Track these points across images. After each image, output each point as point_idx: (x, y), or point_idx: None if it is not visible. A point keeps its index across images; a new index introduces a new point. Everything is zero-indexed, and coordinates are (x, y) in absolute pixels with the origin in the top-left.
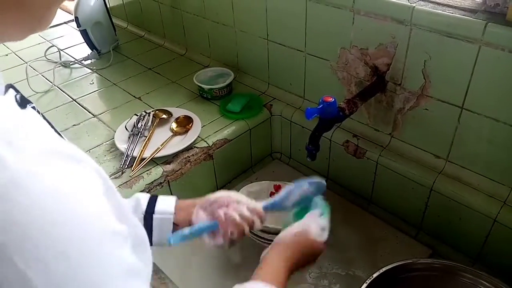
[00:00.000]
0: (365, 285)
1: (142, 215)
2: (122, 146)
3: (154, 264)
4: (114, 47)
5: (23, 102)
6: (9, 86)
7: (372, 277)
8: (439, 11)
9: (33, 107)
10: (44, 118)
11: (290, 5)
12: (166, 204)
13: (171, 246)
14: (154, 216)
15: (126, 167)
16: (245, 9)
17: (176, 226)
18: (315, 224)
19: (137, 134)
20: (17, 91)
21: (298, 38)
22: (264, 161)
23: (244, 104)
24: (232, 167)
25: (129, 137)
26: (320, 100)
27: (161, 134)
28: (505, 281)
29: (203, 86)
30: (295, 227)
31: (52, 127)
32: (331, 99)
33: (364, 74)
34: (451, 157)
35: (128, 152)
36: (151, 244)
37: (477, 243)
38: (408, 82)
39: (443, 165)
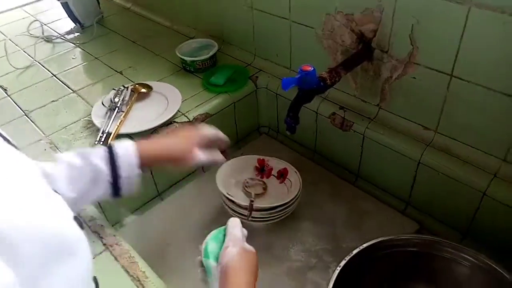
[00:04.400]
0: (344, 261)
1: (108, 182)
2: (98, 122)
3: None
4: (98, 20)
5: None
6: None
7: (352, 253)
8: None
9: None
10: None
11: None
12: (129, 165)
13: None
14: (120, 180)
15: (101, 143)
16: None
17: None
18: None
19: (114, 109)
20: None
21: (283, 5)
22: (251, 135)
23: (228, 76)
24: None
25: (106, 113)
26: (299, 69)
27: (140, 109)
28: (492, 256)
29: (185, 58)
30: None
31: None
32: (310, 68)
33: (350, 42)
34: (440, 128)
35: (104, 128)
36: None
37: (466, 217)
38: (395, 49)
39: (432, 137)
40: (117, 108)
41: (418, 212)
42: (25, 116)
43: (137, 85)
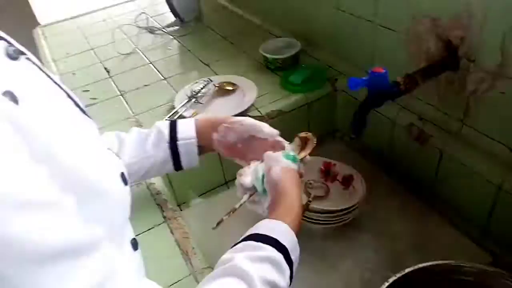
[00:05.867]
0: (393, 277)
1: (167, 144)
2: (178, 107)
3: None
4: (196, 16)
5: (15, 54)
6: (1, 38)
7: (404, 271)
8: None
9: (27, 58)
10: (41, 69)
11: None
12: (187, 129)
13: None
14: (178, 143)
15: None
16: None
17: (201, 148)
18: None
19: (194, 99)
20: (9, 43)
21: (369, 7)
22: (324, 138)
23: (306, 76)
24: (286, 140)
25: (187, 101)
26: (369, 71)
27: (218, 100)
28: None
29: (267, 55)
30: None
31: (49, 77)
32: (381, 70)
33: (435, 49)
34: None
35: (182, 114)
36: (180, 168)
37: None
38: (484, 59)
39: None
40: (195, 98)
41: (493, 243)
42: (120, 96)
43: (224, 83)
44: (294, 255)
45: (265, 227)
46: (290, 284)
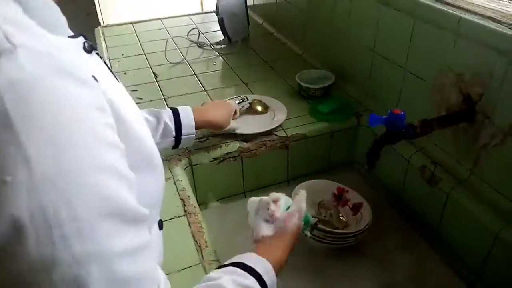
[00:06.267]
0: None
1: (173, 138)
2: None
3: None
4: (244, 38)
5: (90, 49)
6: (81, 34)
7: None
8: None
9: (97, 53)
10: (105, 64)
11: (399, 21)
12: (189, 125)
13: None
14: (182, 137)
15: (211, 135)
16: (358, 20)
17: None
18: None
19: None
20: (86, 39)
21: (401, 54)
22: (342, 168)
23: (334, 107)
24: (306, 164)
25: None
26: (389, 111)
27: (249, 116)
28: None
29: (302, 83)
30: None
31: (111, 71)
32: (400, 112)
33: (455, 101)
34: None
35: None
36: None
37: None
38: (498, 117)
39: None
40: None
41: None
42: (163, 99)
43: (255, 101)
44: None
45: (254, 260)
46: None
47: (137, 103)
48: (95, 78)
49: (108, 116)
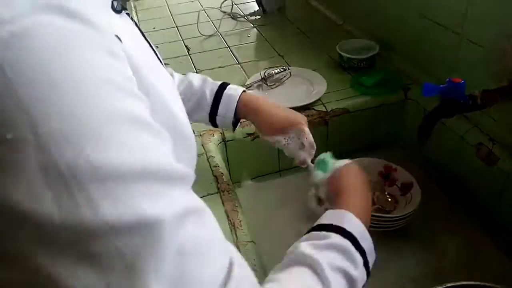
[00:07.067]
0: None
1: (208, 114)
2: (249, 88)
3: None
4: (279, 7)
5: (118, 8)
6: None
7: None
8: None
9: (127, 14)
10: (136, 25)
11: None
12: (227, 107)
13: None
14: (217, 117)
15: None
16: None
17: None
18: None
19: (266, 82)
20: None
21: (456, 18)
22: (386, 146)
23: (377, 80)
24: (346, 141)
25: (259, 84)
26: (448, 79)
27: (288, 90)
28: None
29: (343, 54)
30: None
31: (141, 32)
32: (460, 81)
33: None
34: None
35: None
36: (213, 120)
37: None
38: None
39: None
40: (268, 82)
41: None
42: (195, 72)
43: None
44: (365, 244)
45: (329, 217)
46: (368, 277)
47: None
48: (118, 38)
49: (129, 71)
